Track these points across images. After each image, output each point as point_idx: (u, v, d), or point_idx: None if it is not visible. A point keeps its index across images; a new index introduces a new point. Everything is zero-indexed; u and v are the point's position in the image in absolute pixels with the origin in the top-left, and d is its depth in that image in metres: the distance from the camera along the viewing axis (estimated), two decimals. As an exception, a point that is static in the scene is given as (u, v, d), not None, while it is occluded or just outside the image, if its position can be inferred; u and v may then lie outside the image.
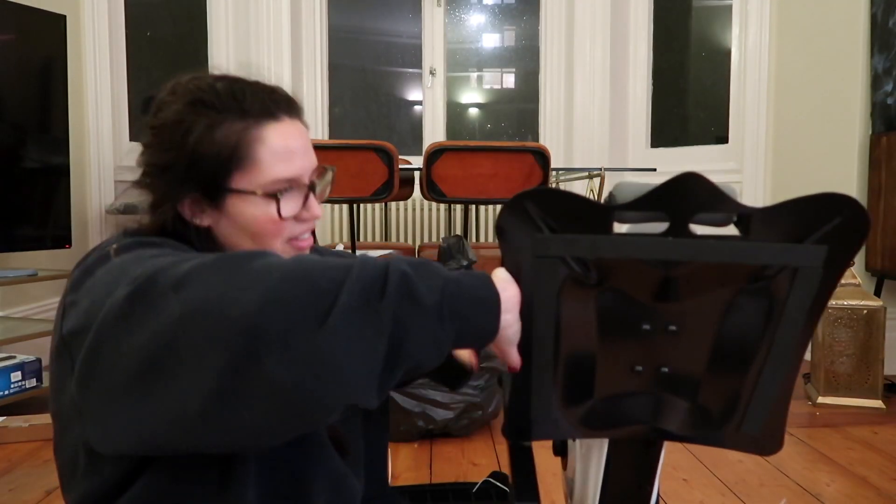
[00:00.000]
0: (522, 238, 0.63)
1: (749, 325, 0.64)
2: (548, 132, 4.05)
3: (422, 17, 4.14)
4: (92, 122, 3.14)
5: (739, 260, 0.61)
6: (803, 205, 0.60)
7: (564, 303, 0.65)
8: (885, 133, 2.56)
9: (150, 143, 0.78)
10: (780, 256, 0.60)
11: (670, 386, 0.68)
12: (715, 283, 0.63)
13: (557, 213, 0.62)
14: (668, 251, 0.61)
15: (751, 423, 0.66)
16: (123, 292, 0.58)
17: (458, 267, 2.18)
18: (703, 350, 0.66)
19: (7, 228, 2.34)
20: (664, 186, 0.59)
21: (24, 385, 2.21)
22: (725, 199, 0.60)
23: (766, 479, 1.75)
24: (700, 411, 0.68)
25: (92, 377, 0.60)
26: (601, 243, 0.61)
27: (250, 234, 0.77)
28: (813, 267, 0.60)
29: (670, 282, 0.63)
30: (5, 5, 2.30)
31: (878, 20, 2.59)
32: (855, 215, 0.59)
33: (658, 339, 0.66)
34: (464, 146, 2.52)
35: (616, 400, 0.69)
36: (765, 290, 0.62)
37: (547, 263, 0.63)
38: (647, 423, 0.69)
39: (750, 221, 0.61)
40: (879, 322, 2.29)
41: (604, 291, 0.65)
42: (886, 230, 2.54)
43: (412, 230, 3.90)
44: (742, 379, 0.66)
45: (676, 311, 0.65)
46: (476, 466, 1.78)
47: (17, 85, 2.39)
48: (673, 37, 3.95)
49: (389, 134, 4.33)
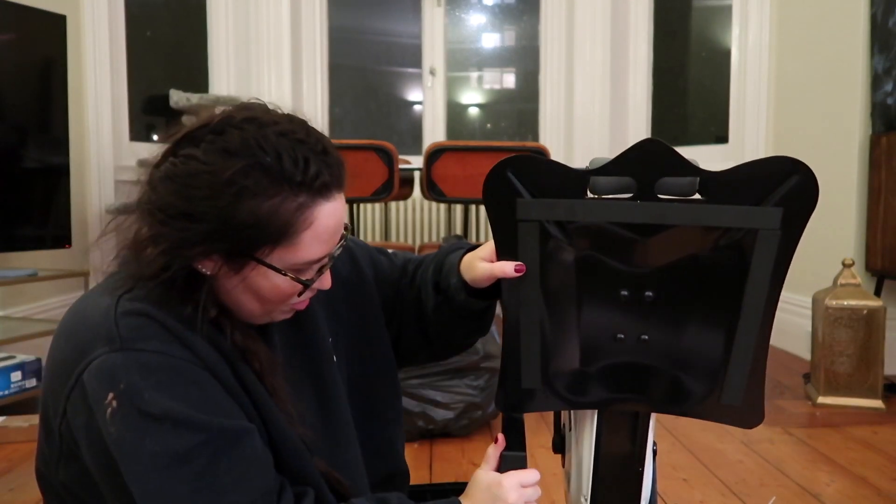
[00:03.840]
0: (506, 204, 0.68)
1: (719, 291, 0.67)
2: (548, 132, 4.05)
3: (422, 17, 4.14)
4: (92, 122, 3.14)
5: (702, 222, 0.65)
6: (758, 168, 0.64)
7: (547, 269, 0.69)
8: (885, 133, 2.56)
9: (181, 182, 0.67)
10: (739, 219, 0.64)
11: (652, 355, 0.71)
12: (684, 248, 0.67)
13: (537, 180, 0.68)
14: (637, 214, 0.65)
15: (730, 393, 0.69)
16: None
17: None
18: (679, 317, 0.69)
19: (7, 228, 2.34)
20: (629, 150, 0.65)
21: (24, 385, 2.21)
22: (685, 163, 0.65)
23: (766, 479, 1.75)
24: (681, 382, 0.71)
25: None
26: (577, 207, 0.66)
27: (260, 298, 0.73)
28: (771, 229, 0.64)
29: (644, 248, 0.67)
30: (5, 5, 2.30)
31: (878, 20, 2.59)
32: (806, 178, 0.63)
33: (636, 306, 0.69)
34: (464, 146, 2.52)
35: (601, 371, 0.72)
36: (729, 254, 0.66)
37: (529, 227, 0.68)
38: (631, 393, 0.72)
39: (710, 185, 0.65)
40: (879, 322, 2.29)
41: (583, 258, 0.69)
42: (886, 230, 2.54)
43: (412, 230, 3.90)
44: (718, 347, 0.69)
45: (651, 278, 0.68)
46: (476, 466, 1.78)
47: (17, 85, 2.39)
48: (673, 37, 3.95)
49: (389, 134, 4.33)
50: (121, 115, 3.31)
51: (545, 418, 2.16)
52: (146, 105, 3.53)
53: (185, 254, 0.68)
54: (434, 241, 3.83)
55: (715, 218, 0.65)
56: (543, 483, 0.81)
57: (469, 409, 2.00)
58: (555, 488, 1.54)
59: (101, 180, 3.17)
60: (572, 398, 0.74)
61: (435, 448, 1.95)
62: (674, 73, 3.98)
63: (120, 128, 3.29)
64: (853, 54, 2.70)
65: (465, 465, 1.82)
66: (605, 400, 0.74)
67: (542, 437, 1.99)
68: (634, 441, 0.76)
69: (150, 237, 0.69)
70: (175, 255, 0.68)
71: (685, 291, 0.69)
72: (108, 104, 3.18)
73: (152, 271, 0.68)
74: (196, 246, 0.67)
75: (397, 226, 3.90)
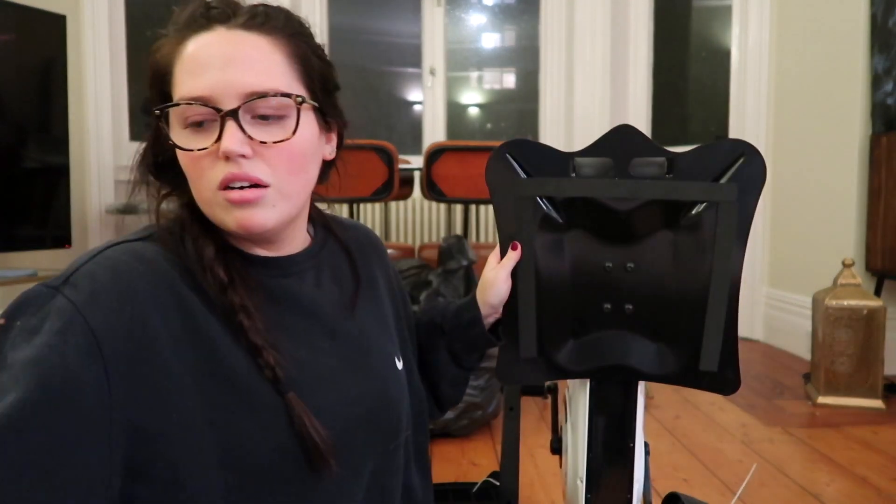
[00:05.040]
0: (506, 182, 0.78)
1: (690, 261, 0.76)
2: (548, 132, 4.05)
3: (422, 17, 4.14)
4: (92, 122, 3.14)
5: (671, 196, 0.74)
6: (716, 149, 0.75)
7: (542, 241, 0.78)
8: (885, 133, 2.56)
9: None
10: (703, 193, 0.74)
11: (636, 325, 0.78)
12: (657, 222, 0.76)
13: (531, 161, 0.78)
14: (615, 189, 0.75)
15: (706, 359, 0.75)
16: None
17: (458, 267, 2.18)
18: (658, 286, 0.77)
19: (7, 228, 2.34)
20: (606, 134, 0.76)
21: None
22: (652, 145, 0.75)
23: (766, 479, 1.75)
24: (664, 350, 0.78)
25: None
26: (564, 184, 0.77)
27: (187, 176, 0.65)
28: (730, 201, 0.73)
29: (623, 222, 0.76)
30: (5, 5, 2.30)
31: (878, 20, 2.59)
32: (754, 158, 0.73)
33: (619, 276, 0.78)
34: (464, 146, 2.52)
35: (591, 341, 0.79)
36: (697, 225, 0.75)
37: (525, 203, 0.77)
38: (619, 362, 0.79)
39: (675, 165, 0.75)
40: (879, 322, 2.29)
41: (571, 231, 0.78)
42: (886, 230, 2.54)
43: (412, 230, 3.90)
44: (693, 316, 0.76)
45: (632, 250, 0.78)
46: (476, 466, 1.78)
47: (17, 85, 2.39)
48: (673, 37, 3.95)
49: (389, 134, 4.33)
50: (121, 115, 3.31)
51: (545, 419, 2.16)
52: (146, 105, 3.52)
53: (153, 122, 0.66)
54: (434, 241, 3.83)
55: (681, 192, 0.74)
56: (543, 483, 0.82)
57: (469, 409, 2.00)
58: (555, 488, 1.55)
59: (101, 180, 3.17)
60: (566, 367, 0.80)
61: (435, 448, 1.95)
62: (674, 72, 3.98)
63: (120, 128, 3.29)
64: (853, 54, 2.70)
65: (465, 465, 1.82)
66: (596, 368, 0.80)
67: (542, 437, 1.99)
68: (624, 413, 0.81)
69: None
70: (155, 141, 0.67)
71: (661, 262, 0.77)
72: (108, 104, 3.18)
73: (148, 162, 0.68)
74: (154, 118, 0.65)
75: (397, 226, 3.90)
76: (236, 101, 0.61)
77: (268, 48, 0.64)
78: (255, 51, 0.63)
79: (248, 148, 0.62)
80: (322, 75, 0.71)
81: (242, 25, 0.63)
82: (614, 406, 0.81)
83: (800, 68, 3.06)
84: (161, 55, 0.65)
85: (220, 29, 0.63)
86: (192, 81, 0.61)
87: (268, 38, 0.64)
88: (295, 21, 0.69)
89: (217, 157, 0.61)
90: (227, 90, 0.61)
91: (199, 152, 0.62)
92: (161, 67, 0.64)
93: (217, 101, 0.61)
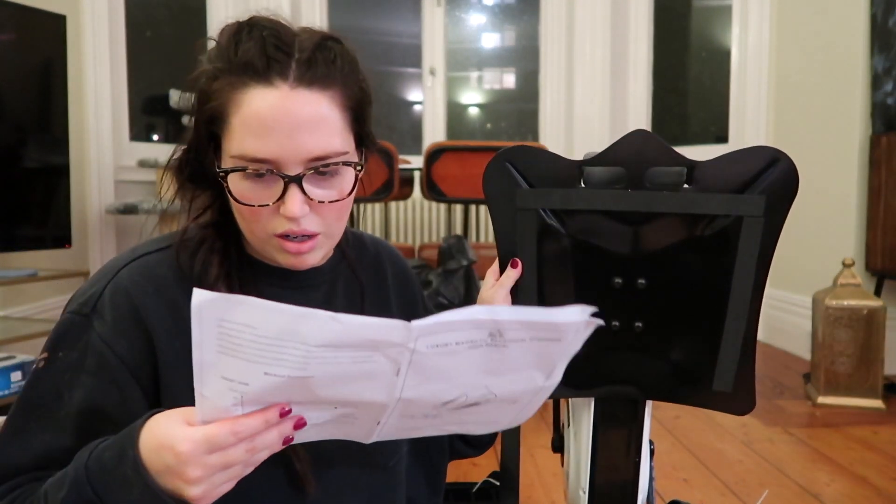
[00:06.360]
0: (506, 193, 0.71)
1: (708, 278, 0.70)
2: (548, 132, 4.05)
3: (422, 17, 4.14)
4: (92, 122, 3.14)
5: (689, 210, 0.67)
6: (742, 157, 0.68)
7: (544, 256, 0.72)
8: (885, 133, 2.56)
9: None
10: (724, 206, 0.67)
11: (646, 343, 0.72)
12: (673, 236, 0.70)
13: (533, 170, 0.71)
14: (627, 202, 0.68)
15: (721, 380, 0.71)
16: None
17: (458, 267, 2.18)
18: (671, 305, 0.71)
19: (7, 228, 2.34)
20: (618, 142, 0.69)
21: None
22: (672, 152, 0.68)
23: (766, 479, 1.75)
24: (674, 369, 0.73)
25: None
26: (571, 196, 0.70)
27: (236, 209, 0.67)
28: (755, 216, 0.66)
29: (635, 236, 0.70)
30: (5, 5, 2.30)
31: (878, 20, 2.59)
32: (787, 167, 0.66)
33: (629, 294, 0.71)
34: (464, 146, 2.52)
35: (597, 358, 0.73)
36: (717, 242, 0.68)
37: (527, 216, 0.71)
38: (626, 381, 0.74)
39: (696, 174, 0.67)
40: (879, 322, 2.29)
41: (577, 246, 0.72)
42: (886, 230, 2.54)
43: (412, 230, 3.90)
44: (708, 334, 0.71)
45: (643, 266, 0.71)
46: (476, 466, 1.78)
47: (17, 85, 2.39)
48: (673, 37, 3.95)
49: (389, 134, 4.33)
50: (121, 115, 3.31)
51: (545, 418, 2.16)
52: (146, 105, 3.53)
53: (200, 154, 0.68)
54: (434, 241, 3.83)
55: (701, 206, 0.67)
56: (543, 483, 0.81)
57: (469, 409, 1.99)
58: (555, 488, 1.55)
59: (101, 180, 3.17)
60: (569, 387, 0.74)
61: (435, 448, 1.94)
62: (674, 72, 3.98)
63: (120, 128, 3.29)
64: (853, 54, 2.70)
65: (465, 464, 1.82)
66: (602, 388, 0.75)
67: (542, 436, 1.98)
68: (631, 430, 0.78)
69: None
70: (199, 165, 0.69)
71: (676, 279, 0.71)
72: (108, 104, 3.18)
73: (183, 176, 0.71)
74: (202, 144, 0.68)
75: (397, 226, 3.90)
76: (300, 166, 0.64)
77: (327, 107, 0.65)
78: (316, 113, 0.64)
79: (307, 207, 0.66)
80: (365, 109, 0.73)
81: (302, 81, 0.64)
82: (621, 423, 0.77)
83: (800, 68, 3.06)
84: (214, 93, 0.65)
85: (282, 87, 0.63)
86: (256, 143, 0.63)
87: (326, 93, 0.65)
88: (347, 58, 0.70)
89: (277, 211, 0.65)
90: (291, 156, 0.63)
91: (260, 208, 0.66)
92: (215, 109, 0.65)
93: (282, 166, 0.64)
